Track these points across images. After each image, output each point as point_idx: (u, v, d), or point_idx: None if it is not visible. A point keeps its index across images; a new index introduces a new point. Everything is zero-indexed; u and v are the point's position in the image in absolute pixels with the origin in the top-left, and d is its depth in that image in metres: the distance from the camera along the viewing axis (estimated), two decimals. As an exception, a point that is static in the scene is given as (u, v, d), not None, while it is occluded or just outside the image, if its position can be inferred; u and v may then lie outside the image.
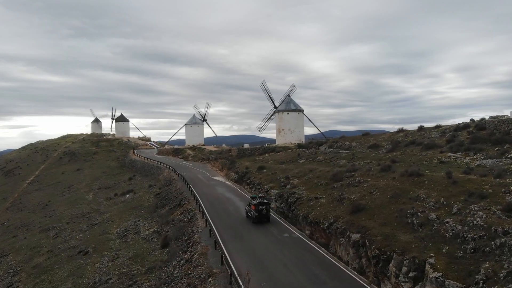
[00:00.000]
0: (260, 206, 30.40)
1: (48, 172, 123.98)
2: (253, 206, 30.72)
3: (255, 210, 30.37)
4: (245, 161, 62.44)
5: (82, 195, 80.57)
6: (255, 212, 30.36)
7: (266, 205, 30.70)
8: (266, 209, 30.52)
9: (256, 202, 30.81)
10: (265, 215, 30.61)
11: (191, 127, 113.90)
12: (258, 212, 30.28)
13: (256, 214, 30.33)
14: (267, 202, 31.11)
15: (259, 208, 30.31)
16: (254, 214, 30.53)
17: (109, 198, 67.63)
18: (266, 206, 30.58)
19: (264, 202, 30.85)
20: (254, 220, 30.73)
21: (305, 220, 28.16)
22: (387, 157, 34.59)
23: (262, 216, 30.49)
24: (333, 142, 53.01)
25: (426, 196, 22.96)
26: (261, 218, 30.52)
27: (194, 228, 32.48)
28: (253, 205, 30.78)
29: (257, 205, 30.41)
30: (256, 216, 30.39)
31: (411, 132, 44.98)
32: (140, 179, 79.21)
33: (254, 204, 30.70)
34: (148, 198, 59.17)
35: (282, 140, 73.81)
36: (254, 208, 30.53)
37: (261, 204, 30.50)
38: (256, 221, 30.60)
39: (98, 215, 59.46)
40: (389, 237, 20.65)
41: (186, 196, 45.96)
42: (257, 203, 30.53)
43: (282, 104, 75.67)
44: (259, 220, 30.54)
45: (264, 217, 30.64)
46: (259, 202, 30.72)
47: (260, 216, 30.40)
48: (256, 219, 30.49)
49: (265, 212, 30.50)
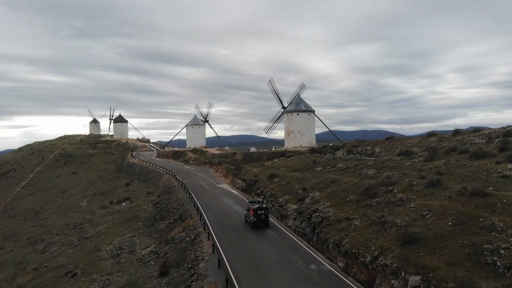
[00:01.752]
0: (259, 211, 29.96)
1: (43, 175, 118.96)
2: (251, 211, 30.44)
3: (254, 215, 30.02)
4: (252, 166, 56.98)
5: (76, 201, 75.26)
6: (254, 217, 30.02)
7: (265, 210, 30.30)
8: (265, 214, 30.14)
9: (254, 207, 30.39)
10: (263, 220, 30.20)
11: (192, 128, 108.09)
12: (256, 217, 29.91)
13: (255, 219, 29.97)
14: (266, 207, 30.76)
15: (257, 213, 29.91)
16: (252, 219, 30.21)
17: (104, 207, 62.22)
18: (265, 211, 30.17)
19: (263, 207, 30.43)
20: (252, 225, 30.39)
21: (337, 248, 22.74)
22: (428, 168, 29.12)
23: (261, 221, 30.10)
24: (352, 146, 47.47)
25: (505, 225, 17.53)
26: (259, 223, 30.14)
27: (199, 253, 27.04)
28: (251, 210, 30.48)
29: (255, 210, 30.02)
30: (254, 221, 30.03)
31: (445, 137, 39.41)
32: (138, 184, 73.78)
33: (252, 209, 30.34)
34: (146, 207, 53.78)
35: (291, 143, 67.95)
36: (252, 213, 30.21)
37: (260, 209, 30.06)
38: (255, 226, 30.26)
39: (91, 226, 54.07)
40: (464, 284, 15.25)
41: (188, 208, 40.51)
42: (255, 208, 30.12)
43: (291, 104, 69.66)
44: (258, 225, 30.17)
45: (262, 222, 30.23)
46: (257, 207, 30.28)
47: (259, 221, 30.01)
48: (255, 224, 30.14)
49: (264, 217, 30.11)
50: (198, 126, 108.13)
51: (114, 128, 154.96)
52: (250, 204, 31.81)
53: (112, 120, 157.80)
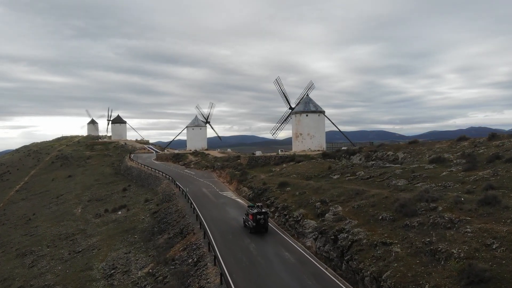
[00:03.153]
0: (258, 215, 29.33)
1: (38, 179, 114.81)
2: (250, 216, 29.83)
3: (253, 220, 29.36)
4: (258, 172, 52.62)
5: (70, 208, 70.99)
6: (253, 222, 29.38)
7: (264, 214, 29.68)
8: (264, 218, 29.48)
9: (253, 211, 29.75)
10: (263, 225, 29.61)
11: (193, 129, 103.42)
12: (256, 222, 29.28)
13: (254, 224, 29.37)
14: (266, 212, 30.18)
15: (257, 218, 29.25)
16: (251, 224, 29.63)
17: (99, 215, 57.87)
18: (264, 216, 29.54)
19: (262, 211, 29.86)
20: (251, 230, 29.91)
21: (375, 283, 18.40)
22: (473, 180, 24.77)
23: (260, 226, 29.53)
24: (370, 151, 43.04)
25: None
26: (259, 228, 29.58)
27: (203, 282, 22.71)
28: (250, 214, 29.85)
29: (255, 215, 29.35)
30: (253, 226, 29.47)
31: (480, 142, 35.02)
32: (135, 190, 69.43)
33: (251, 213, 29.70)
34: (144, 217, 49.47)
35: (300, 146, 63.25)
36: (252, 218, 29.55)
37: (259, 214, 29.45)
38: (254, 231, 29.71)
39: (83, 238, 49.77)
40: None
41: (190, 222, 36.17)
42: (255, 213, 29.48)
43: (300, 104, 64.85)
44: (257, 230, 29.59)
45: (262, 227, 29.67)
46: (257, 211, 29.63)
47: (258, 226, 29.43)
48: (254, 229, 29.59)
49: (263, 222, 29.49)
50: (199, 127, 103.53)
51: (112, 129, 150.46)
52: (249, 209, 31.00)
53: (110, 121, 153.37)
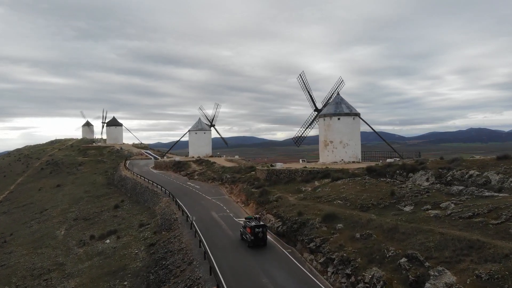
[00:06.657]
0: (256, 228, 28.37)
1: (24, 188, 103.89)
2: (248, 229, 28.85)
3: (251, 233, 28.26)
4: (283, 191, 41.37)
5: (53, 228, 60.15)
6: (251, 235, 28.26)
7: (263, 227, 28.87)
8: (262, 232, 28.55)
9: (251, 224, 28.87)
10: (261, 239, 28.54)
11: (196, 134, 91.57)
12: (254, 236, 28.19)
13: (252, 238, 28.24)
14: (264, 225, 29.43)
15: (255, 231, 28.24)
16: (250, 238, 28.46)
17: (83, 243, 46.70)
18: (262, 229, 28.64)
19: (261, 224, 29.11)
20: (249, 244, 28.63)
21: None
22: None
23: (258, 240, 28.38)
24: (441, 168, 31.80)
25: None
26: (257, 242, 28.37)
27: None
28: (248, 227, 28.87)
29: (253, 228, 28.36)
30: (252, 240, 28.30)
31: None
32: (129, 208, 58.20)
33: (249, 226, 28.74)
34: (137, 251, 38.38)
35: (330, 157, 51.15)
36: (249, 231, 28.48)
37: (257, 227, 28.53)
38: (252, 245, 28.43)
39: (60, 278, 38.70)
40: None
41: (200, 275, 24.94)
42: (253, 226, 28.54)
43: (329, 105, 52.35)
44: (255, 243, 28.37)
45: (260, 241, 28.52)
46: (255, 224, 28.81)
47: (256, 239, 28.31)
48: (252, 243, 28.36)
49: (262, 235, 28.50)
50: (203, 131, 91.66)
51: (107, 133, 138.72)
52: (247, 221, 30.13)
53: (104, 124, 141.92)
